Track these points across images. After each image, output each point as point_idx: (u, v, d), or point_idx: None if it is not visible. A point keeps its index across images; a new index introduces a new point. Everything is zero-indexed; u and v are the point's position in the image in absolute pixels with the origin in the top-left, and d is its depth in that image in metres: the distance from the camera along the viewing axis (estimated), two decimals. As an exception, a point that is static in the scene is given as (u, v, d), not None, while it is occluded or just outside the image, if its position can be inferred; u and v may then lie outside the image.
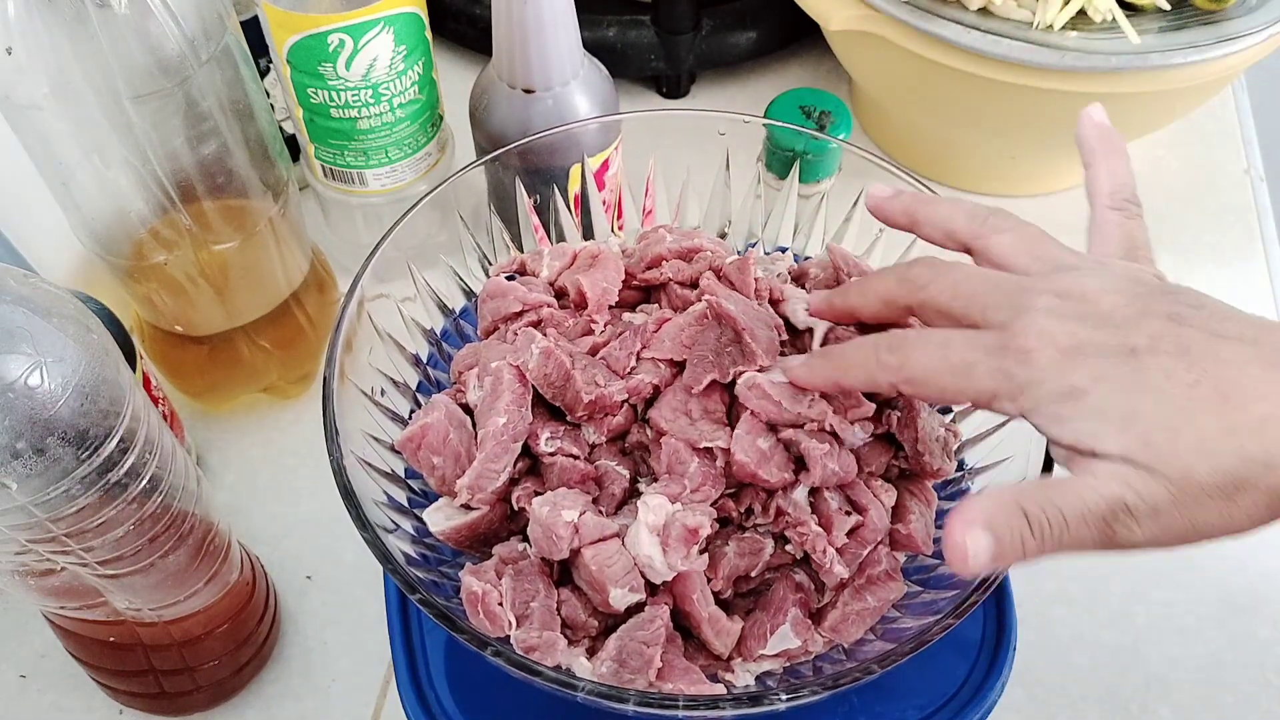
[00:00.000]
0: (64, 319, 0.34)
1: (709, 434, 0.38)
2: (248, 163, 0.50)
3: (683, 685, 0.36)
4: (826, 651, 0.39)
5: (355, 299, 0.41)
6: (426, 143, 0.60)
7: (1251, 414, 0.28)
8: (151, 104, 0.44)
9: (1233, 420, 0.28)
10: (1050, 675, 0.51)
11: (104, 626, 0.44)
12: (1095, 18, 0.58)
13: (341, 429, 0.38)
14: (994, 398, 0.31)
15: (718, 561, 0.38)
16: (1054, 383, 0.30)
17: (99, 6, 0.40)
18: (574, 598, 0.37)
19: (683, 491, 0.37)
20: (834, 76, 0.78)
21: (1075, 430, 0.30)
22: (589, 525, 0.36)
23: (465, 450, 0.40)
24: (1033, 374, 0.30)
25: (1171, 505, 0.28)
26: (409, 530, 0.40)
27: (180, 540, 0.41)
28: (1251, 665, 0.51)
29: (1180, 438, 0.28)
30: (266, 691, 0.51)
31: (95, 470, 0.35)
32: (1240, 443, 0.28)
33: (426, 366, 0.46)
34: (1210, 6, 0.58)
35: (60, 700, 0.51)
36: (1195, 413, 0.28)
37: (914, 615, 0.38)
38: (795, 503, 0.37)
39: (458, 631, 0.34)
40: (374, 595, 0.46)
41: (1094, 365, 0.29)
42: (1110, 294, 0.31)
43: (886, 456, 0.40)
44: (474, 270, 0.49)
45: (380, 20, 0.52)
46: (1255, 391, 0.28)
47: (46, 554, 0.37)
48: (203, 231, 0.49)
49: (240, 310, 0.55)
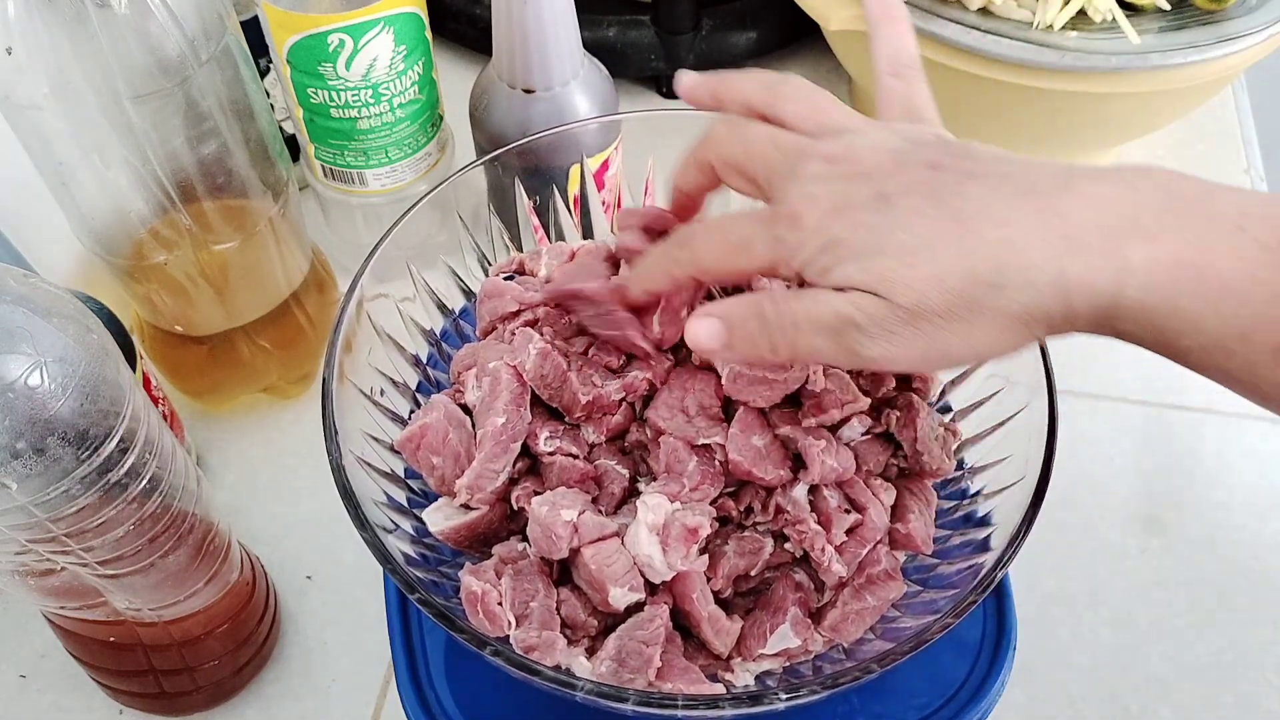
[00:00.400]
0: (64, 319, 0.35)
1: (706, 431, 0.38)
2: (248, 163, 0.50)
3: (682, 685, 0.36)
4: (826, 651, 0.39)
5: (355, 299, 0.41)
6: (426, 143, 0.60)
7: (987, 238, 0.29)
8: (151, 104, 0.44)
9: (969, 246, 0.29)
10: (1050, 675, 0.51)
11: (104, 626, 0.44)
12: (1095, 18, 0.58)
13: (341, 429, 0.38)
14: (774, 265, 0.32)
15: (717, 561, 0.38)
16: (816, 239, 0.31)
17: (99, 6, 0.40)
18: (573, 597, 0.37)
19: (682, 490, 0.37)
20: (834, 76, 0.78)
21: (833, 278, 0.31)
22: (588, 525, 0.36)
23: (465, 450, 0.40)
24: (800, 236, 0.31)
25: (903, 326, 0.30)
26: (409, 530, 0.40)
27: (180, 540, 0.41)
28: (1251, 665, 0.51)
29: (917, 269, 0.30)
30: (266, 691, 0.51)
31: (95, 470, 0.35)
32: (972, 266, 0.29)
33: (426, 366, 0.46)
34: (1210, 6, 0.58)
35: (60, 700, 0.51)
36: (934, 244, 0.30)
37: (914, 615, 0.38)
38: (794, 501, 0.37)
39: (457, 631, 0.34)
40: (374, 595, 0.46)
41: (852, 216, 0.31)
42: (877, 151, 0.32)
43: (885, 455, 0.40)
44: (473, 270, 0.49)
45: (380, 20, 0.52)
46: (993, 219, 0.29)
47: (46, 554, 0.37)
48: (203, 231, 0.49)
49: (240, 310, 0.55)
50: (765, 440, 0.38)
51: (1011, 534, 0.36)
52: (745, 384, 0.38)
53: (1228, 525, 0.56)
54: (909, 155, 0.32)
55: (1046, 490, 0.36)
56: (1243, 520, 0.56)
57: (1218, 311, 0.28)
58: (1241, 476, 0.58)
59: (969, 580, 0.36)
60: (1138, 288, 0.28)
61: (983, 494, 0.41)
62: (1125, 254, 0.28)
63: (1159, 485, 0.57)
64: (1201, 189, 0.29)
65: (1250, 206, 0.29)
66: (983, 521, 0.40)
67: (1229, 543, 0.55)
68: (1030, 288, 0.29)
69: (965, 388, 0.44)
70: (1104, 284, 0.29)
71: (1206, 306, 0.28)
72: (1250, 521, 0.56)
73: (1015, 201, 0.30)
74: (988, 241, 0.29)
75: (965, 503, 0.41)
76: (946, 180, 0.31)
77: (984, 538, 0.39)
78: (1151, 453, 0.59)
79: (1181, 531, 0.56)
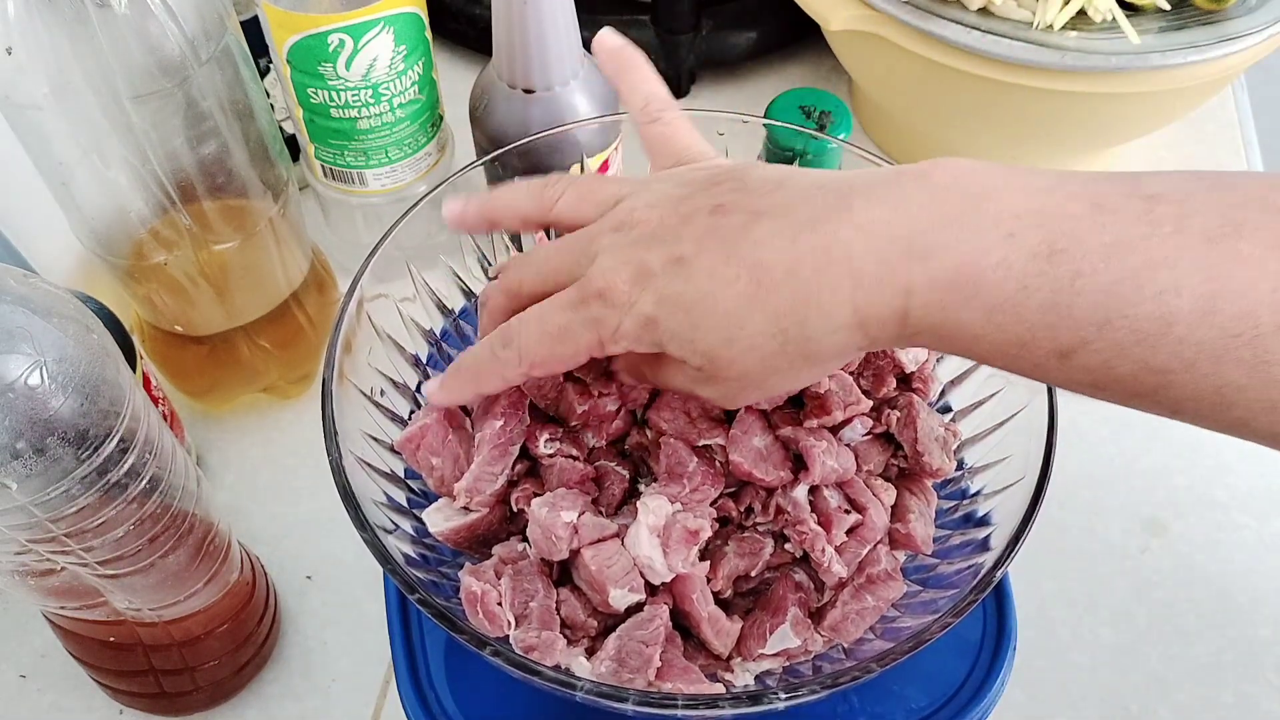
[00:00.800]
0: (64, 319, 0.34)
1: (707, 432, 0.38)
2: (248, 163, 0.50)
3: (682, 685, 0.36)
4: (826, 651, 0.39)
5: (355, 299, 0.41)
6: (426, 143, 0.60)
7: (784, 294, 0.30)
8: (151, 104, 0.44)
9: (771, 307, 0.30)
10: (1050, 675, 0.51)
11: (104, 626, 0.44)
12: (1095, 18, 0.58)
13: (341, 429, 0.38)
14: (600, 344, 0.33)
15: (718, 561, 0.38)
16: (631, 318, 0.32)
17: (99, 6, 0.40)
18: (573, 597, 0.37)
19: (682, 491, 0.37)
20: (834, 76, 0.78)
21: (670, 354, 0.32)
22: (588, 526, 0.36)
23: (465, 451, 0.40)
24: (616, 314, 0.32)
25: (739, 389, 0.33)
26: (409, 530, 0.40)
27: (180, 540, 0.41)
28: (1251, 665, 0.51)
29: (733, 346, 0.31)
30: (266, 691, 0.51)
31: (95, 470, 0.35)
32: (779, 328, 0.31)
33: (426, 366, 0.46)
34: (1210, 6, 0.58)
35: (60, 700, 0.51)
36: (738, 313, 0.31)
37: (913, 615, 0.38)
38: (795, 501, 0.37)
39: (457, 631, 0.34)
40: (374, 595, 0.46)
41: (654, 287, 0.32)
42: (655, 209, 0.33)
43: (886, 455, 0.40)
44: (473, 270, 0.49)
45: (380, 20, 0.52)
46: (783, 265, 0.30)
47: (46, 554, 0.37)
48: (203, 231, 0.49)
49: (240, 310, 0.55)
50: (766, 441, 0.38)
51: (1011, 534, 0.36)
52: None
53: (1228, 525, 0.56)
54: (690, 203, 0.33)
55: (1046, 490, 0.36)
56: (1243, 520, 0.56)
57: (994, 322, 0.28)
58: (1241, 476, 0.58)
59: (969, 580, 0.36)
60: (919, 308, 0.29)
61: (983, 494, 0.41)
62: (904, 278, 0.29)
63: (1159, 485, 0.57)
64: (977, 190, 0.29)
65: (1026, 208, 0.28)
66: (982, 521, 0.40)
67: (1229, 543, 0.55)
68: (834, 333, 0.30)
69: (965, 388, 0.44)
70: (890, 310, 0.30)
71: (982, 318, 0.29)
72: (1250, 521, 0.56)
73: (801, 239, 0.30)
74: (786, 298, 0.30)
75: (965, 503, 0.41)
76: (734, 224, 0.31)
77: (984, 538, 0.39)
78: (1151, 453, 0.59)
79: (1181, 531, 0.56)
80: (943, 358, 0.43)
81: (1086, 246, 0.27)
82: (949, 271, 0.29)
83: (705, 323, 0.31)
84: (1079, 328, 0.28)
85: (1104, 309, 0.27)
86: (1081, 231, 0.28)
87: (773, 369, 0.32)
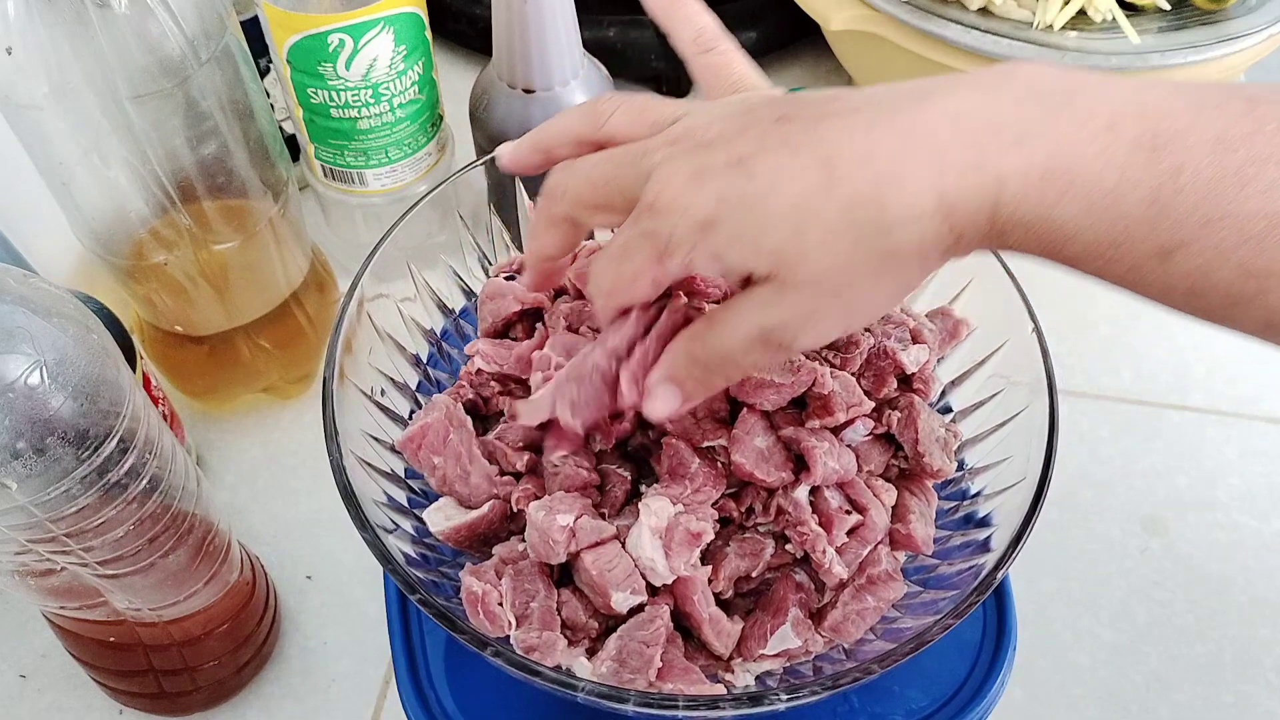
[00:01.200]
0: (64, 319, 0.34)
1: (711, 433, 0.38)
2: (248, 163, 0.50)
3: (683, 685, 0.36)
4: (826, 651, 0.39)
5: (355, 299, 0.41)
6: (426, 143, 0.60)
7: (858, 178, 0.28)
8: (151, 104, 0.44)
9: (844, 193, 0.28)
10: (1050, 675, 0.51)
11: (104, 626, 0.44)
12: (1095, 18, 0.58)
13: (341, 429, 0.38)
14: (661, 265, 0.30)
15: (719, 562, 0.38)
16: (686, 222, 0.29)
17: (99, 6, 0.40)
18: (574, 599, 0.37)
19: (684, 492, 0.37)
20: (834, 76, 0.78)
21: (728, 265, 0.29)
22: (585, 529, 0.36)
23: (466, 450, 0.40)
24: (669, 222, 0.29)
25: (815, 303, 0.29)
26: (409, 530, 0.40)
27: (180, 540, 0.41)
28: (1251, 665, 0.51)
29: (804, 236, 0.28)
30: (266, 691, 0.51)
31: (95, 470, 0.35)
32: (854, 215, 0.28)
33: (426, 366, 0.46)
34: (1210, 6, 0.58)
35: (60, 700, 0.51)
36: (809, 200, 0.28)
37: (914, 615, 0.38)
38: (796, 502, 0.37)
39: (458, 631, 0.34)
40: (374, 595, 0.46)
41: (713, 188, 0.29)
42: (716, 122, 0.31)
43: (886, 456, 0.40)
44: (474, 270, 0.49)
45: (380, 20, 0.52)
46: (857, 155, 0.28)
47: (46, 554, 0.37)
48: (203, 231, 0.49)
49: (240, 310, 0.55)
50: (768, 442, 0.38)
51: (1012, 535, 0.36)
52: (753, 387, 0.38)
53: (1228, 525, 0.56)
54: (751, 116, 0.30)
55: (1047, 491, 0.36)
56: (1243, 520, 0.56)
57: (1093, 217, 0.27)
58: (1241, 476, 0.58)
59: (969, 581, 0.36)
60: (1012, 199, 0.27)
61: (983, 495, 0.41)
62: (996, 165, 0.27)
63: (1159, 485, 0.57)
64: (1070, 84, 0.28)
65: (1125, 101, 0.27)
66: (983, 522, 0.40)
67: (1229, 543, 0.55)
68: (916, 222, 0.28)
69: (966, 388, 0.44)
70: (981, 201, 0.27)
71: (1079, 213, 0.27)
72: (1250, 521, 0.56)
73: (874, 132, 0.28)
74: (860, 181, 0.28)
75: (966, 503, 0.41)
76: (797, 129, 0.29)
77: (984, 538, 0.39)
78: (1151, 453, 0.59)
79: (1181, 531, 0.56)
80: (943, 358, 0.43)
81: (1190, 141, 0.26)
82: (1045, 160, 0.27)
83: (771, 218, 0.28)
84: (1180, 226, 0.26)
85: (1208, 206, 0.26)
86: (1184, 125, 0.26)
87: (850, 272, 0.28)
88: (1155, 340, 0.64)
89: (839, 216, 0.28)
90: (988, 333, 0.43)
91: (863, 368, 0.40)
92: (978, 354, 0.43)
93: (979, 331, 0.43)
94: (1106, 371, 0.62)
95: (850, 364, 0.39)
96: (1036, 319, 0.40)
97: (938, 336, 0.42)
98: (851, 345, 0.39)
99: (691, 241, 0.29)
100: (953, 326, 0.43)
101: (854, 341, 0.39)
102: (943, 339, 0.42)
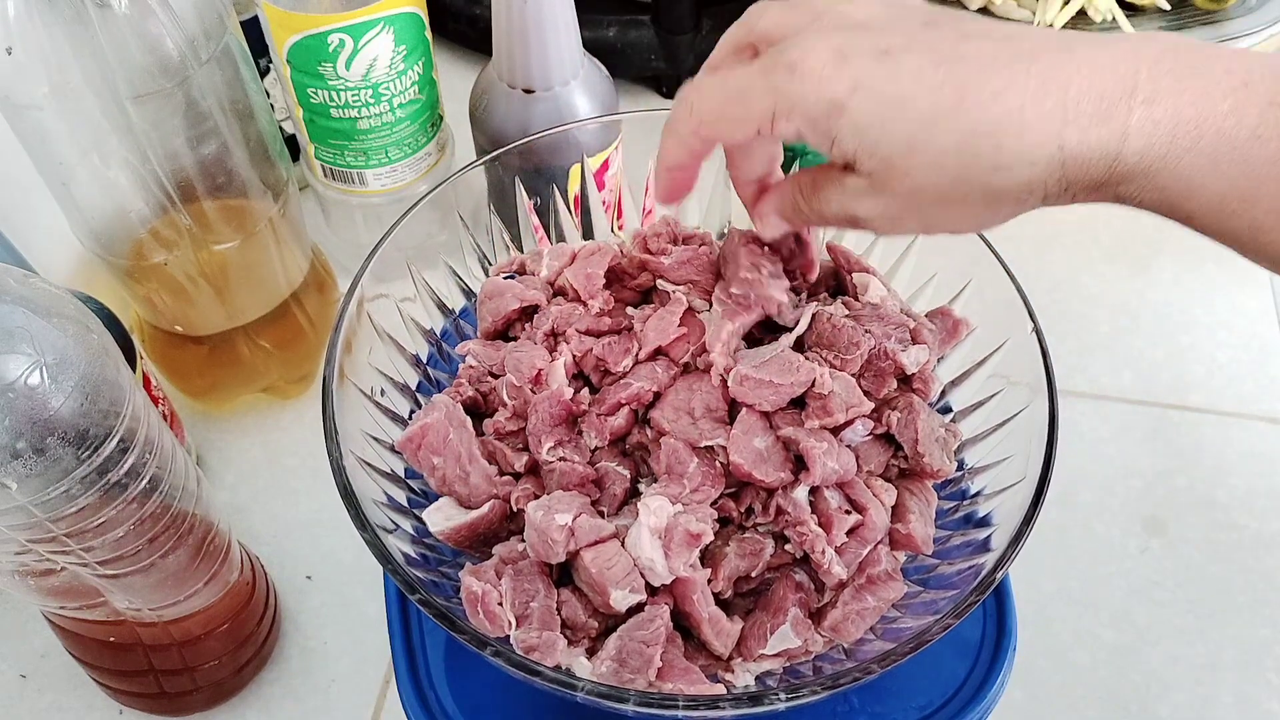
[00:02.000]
0: (64, 319, 0.34)
1: (709, 433, 0.38)
2: (248, 163, 0.50)
3: (682, 685, 0.36)
4: (826, 651, 0.39)
5: (355, 299, 0.41)
6: (426, 143, 0.60)
7: (987, 112, 0.29)
8: (151, 104, 0.44)
9: (969, 122, 0.29)
10: (1050, 675, 0.51)
11: (104, 626, 0.44)
12: (1095, 18, 0.58)
13: (341, 429, 0.38)
14: (773, 117, 0.31)
15: (718, 562, 0.38)
16: (816, 95, 0.30)
17: (99, 6, 0.40)
18: (574, 598, 0.37)
19: (682, 492, 0.37)
20: (834, 76, 0.78)
21: (840, 150, 0.31)
22: (584, 528, 0.36)
23: (465, 450, 0.40)
24: (802, 87, 0.30)
25: (904, 211, 0.31)
26: (409, 530, 0.40)
27: (180, 540, 0.41)
28: (1251, 665, 0.51)
29: (916, 155, 0.29)
30: (266, 691, 0.51)
31: (95, 470, 0.35)
32: (972, 148, 0.29)
33: (426, 366, 0.46)
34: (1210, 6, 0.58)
35: (60, 700, 0.51)
36: (936, 120, 0.29)
37: (914, 615, 0.38)
38: (795, 502, 0.37)
39: (458, 631, 0.34)
40: (374, 595, 0.46)
41: (853, 70, 0.30)
42: (869, 7, 0.32)
43: (886, 456, 0.40)
44: (474, 270, 0.49)
45: (380, 20, 0.52)
46: (992, 85, 0.29)
47: (46, 554, 0.37)
48: (203, 231, 0.49)
49: (240, 310, 0.55)
50: (767, 442, 0.38)
51: (1012, 534, 0.36)
52: (751, 387, 0.38)
53: (1228, 525, 0.56)
54: (903, 13, 0.31)
55: (1047, 491, 0.36)
56: (1243, 520, 0.56)
57: (1218, 171, 0.27)
58: (1241, 476, 0.58)
59: (969, 581, 0.36)
60: (1136, 151, 0.28)
61: (983, 494, 0.41)
62: (1123, 119, 0.28)
63: (1159, 485, 0.57)
64: (1208, 51, 0.29)
65: (1259, 63, 0.28)
66: (983, 522, 0.40)
67: (1229, 543, 0.55)
68: (1029, 166, 0.29)
69: (966, 388, 0.44)
70: (1102, 153, 0.28)
71: (1207, 166, 0.27)
72: (1250, 521, 0.56)
73: (1015, 66, 0.29)
74: (987, 116, 0.28)
75: (965, 503, 0.41)
76: (945, 37, 0.30)
77: (984, 538, 0.39)
78: (1151, 453, 0.59)
79: (1181, 531, 0.56)
80: (943, 358, 0.43)
81: None
82: (1176, 115, 0.27)
83: (895, 123, 0.29)
84: None
85: None
86: None
87: (944, 196, 0.30)
88: (1155, 340, 0.64)
89: (956, 145, 0.29)
90: (987, 333, 0.43)
91: (863, 368, 0.40)
92: (977, 354, 0.43)
93: (979, 331, 0.43)
94: (1106, 371, 0.62)
95: (850, 364, 0.39)
96: (1036, 319, 0.40)
97: (937, 336, 0.42)
98: (852, 346, 0.40)
99: (813, 118, 0.30)
100: (952, 326, 0.43)
101: (854, 342, 0.39)
102: (942, 339, 0.42)
